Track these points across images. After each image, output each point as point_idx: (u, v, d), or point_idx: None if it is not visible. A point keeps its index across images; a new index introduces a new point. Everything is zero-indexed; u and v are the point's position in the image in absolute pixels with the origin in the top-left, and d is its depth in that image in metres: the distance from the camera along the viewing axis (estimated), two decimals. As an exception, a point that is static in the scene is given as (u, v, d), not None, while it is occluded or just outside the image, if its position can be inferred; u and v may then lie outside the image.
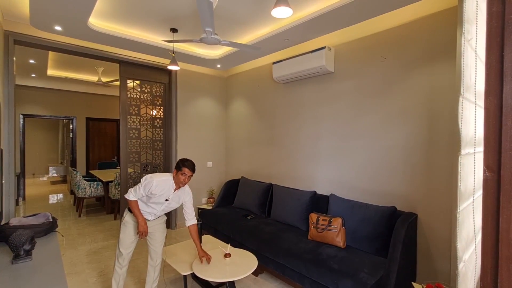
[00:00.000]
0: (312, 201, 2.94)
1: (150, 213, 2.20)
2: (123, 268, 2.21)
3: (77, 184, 4.90)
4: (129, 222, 2.19)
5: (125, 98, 3.78)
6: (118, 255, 2.20)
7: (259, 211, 3.46)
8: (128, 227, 2.19)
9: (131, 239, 2.19)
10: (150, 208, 2.18)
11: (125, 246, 2.17)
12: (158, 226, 2.28)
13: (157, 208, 2.19)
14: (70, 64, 5.29)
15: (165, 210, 2.25)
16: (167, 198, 2.14)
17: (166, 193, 2.12)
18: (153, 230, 2.25)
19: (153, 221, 2.24)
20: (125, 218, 2.21)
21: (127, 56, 3.65)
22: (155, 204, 2.16)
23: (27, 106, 6.41)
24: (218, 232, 3.30)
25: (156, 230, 2.27)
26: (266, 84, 3.92)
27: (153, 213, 2.21)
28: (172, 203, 2.20)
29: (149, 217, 2.21)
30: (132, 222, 2.19)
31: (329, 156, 3.06)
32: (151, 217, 2.22)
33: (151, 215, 2.21)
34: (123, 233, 2.19)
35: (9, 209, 2.88)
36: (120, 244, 2.18)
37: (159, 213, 2.23)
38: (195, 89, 4.36)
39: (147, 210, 2.18)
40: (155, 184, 2.06)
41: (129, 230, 2.19)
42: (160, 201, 2.14)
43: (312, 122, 3.26)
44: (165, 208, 2.22)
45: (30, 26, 2.94)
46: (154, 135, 4.09)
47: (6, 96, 2.86)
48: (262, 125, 4.01)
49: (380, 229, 2.33)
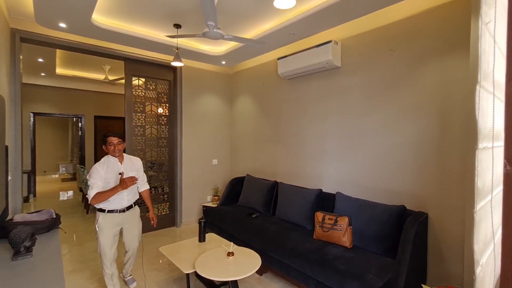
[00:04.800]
0: (318, 200, 2.87)
1: (119, 195, 2.22)
2: (112, 267, 2.28)
3: (84, 181, 4.95)
4: (103, 223, 2.21)
5: (130, 96, 3.78)
6: (103, 257, 2.23)
7: (264, 210, 3.40)
8: (104, 229, 2.21)
9: (110, 241, 2.23)
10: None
11: (108, 246, 2.22)
12: (133, 221, 2.38)
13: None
14: (77, 62, 5.34)
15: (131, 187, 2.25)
16: (120, 172, 2.20)
17: (115, 168, 2.23)
18: (128, 224, 2.34)
19: (127, 213, 2.30)
20: (98, 221, 2.22)
21: (132, 53, 3.64)
22: (115, 184, 2.18)
23: (37, 104, 6.52)
24: (222, 230, 3.27)
25: (131, 224, 2.36)
26: (272, 80, 3.85)
27: (122, 194, 2.24)
28: (129, 174, 2.24)
29: (122, 203, 2.26)
30: (106, 223, 2.22)
31: (336, 154, 2.98)
32: (124, 201, 2.27)
33: (122, 200, 2.26)
34: (102, 236, 2.20)
35: (16, 206, 2.91)
36: (102, 247, 2.21)
37: (125, 191, 2.24)
38: (200, 86, 4.33)
39: (114, 196, 2.19)
40: (98, 167, 2.17)
41: (106, 232, 2.21)
42: (115, 177, 2.20)
43: (318, 119, 3.18)
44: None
45: (36, 24, 2.95)
46: (159, 133, 4.08)
47: (13, 93, 2.89)
48: (267, 122, 3.94)
49: (388, 229, 2.24)
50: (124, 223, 2.33)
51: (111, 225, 2.24)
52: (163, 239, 3.68)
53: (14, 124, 2.89)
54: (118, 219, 2.27)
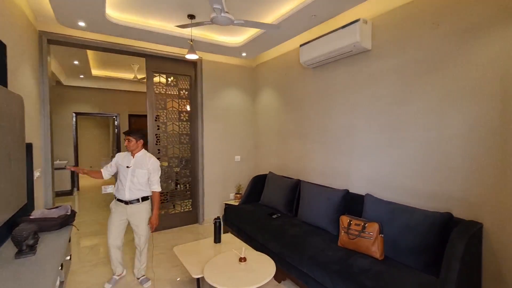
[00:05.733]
0: (344, 201, 2.55)
1: (123, 187, 2.37)
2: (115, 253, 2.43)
3: (117, 177, 5.17)
4: (113, 207, 2.44)
5: (152, 92, 3.78)
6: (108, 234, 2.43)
7: (286, 210, 3.16)
8: (112, 213, 2.43)
9: (114, 225, 2.40)
10: (121, 181, 2.39)
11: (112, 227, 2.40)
12: (138, 217, 2.42)
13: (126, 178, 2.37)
14: (109, 63, 5.58)
15: (135, 182, 2.37)
16: (128, 165, 2.38)
17: (126, 161, 2.41)
18: (133, 219, 2.41)
19: (130, 207, 2.39)
20: (111, 203, 2.49)
21: (152, 49, 3.62)
22: (123, 175, 2.39)
23: (78, 105, 7.02)
24: (241, 231, 3.11)
25: (135, 220, 2.41)
26: (294, 70, 3.56)
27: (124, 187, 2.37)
28: (136, 170, 2.38)
29: (124, 194, 2.37)
30: (115, 208, 2.42)
31: (366, 150, 2.61)
32: (126, 194, 2.37)
33: (124, 192, 2.37)
34: (110, 216, 2.44)
35: (47, 200, 3.06)
36: (108, 225, 2.43)
37: (129, 184, 2.37)
38: (222, 81, 4.20)
39: (119, 185, 2.39)
40: (118, 154, 2.51)
41: (113, 215, 2.41)
42: (124, 169, 2.39)
43: (345, 111, 2.83)
44: (133, 178, 2.37)
45: (61, 26, 3.05)
46: (181, 129, 4.04)
47: (41, 94, 3.02)
48: (291, 116, 3.67)
49: (429, 240, 1.86)
50: (129, 216, 2.42)
51: (117, 213, 2.40)
52: (184, 236, 3.65)
53: (43, 123, 3.03)
54: (123, 210, 2.40)
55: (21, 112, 2.13)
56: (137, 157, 2.43)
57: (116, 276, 2.52)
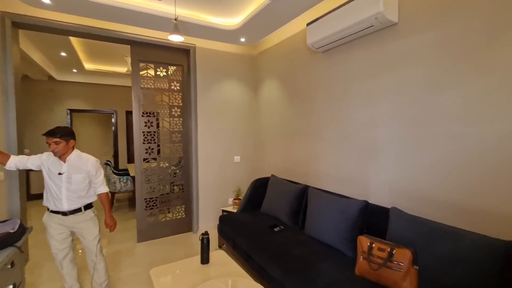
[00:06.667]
0: (362, 216, 2.03)
1: (58, 196, 2.00)
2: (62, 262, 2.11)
3: (108, 177, 4.78)
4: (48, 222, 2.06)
5: (138, 84, 3.33)
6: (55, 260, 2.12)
7: (291, 221, 2.67)
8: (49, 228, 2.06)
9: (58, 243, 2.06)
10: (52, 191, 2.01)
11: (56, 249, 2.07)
12: (85, 224, 2.10)
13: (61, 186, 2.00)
14: (100, 55, 5.17)
15: (72, 190, 2.03)
16: (60, 172, 2.00)
17: (56, 167, 2.01)
18: (79, 226, 2.09)
19: (72, 217, 2.06)
20: (43, 218, 2.08)
21: (138, 35, 3.16)
22: (54, 184, 2.00)
23: (72, 101, 6.66)
24: (236, 246, 2.63)
25: (81, 229, 2.10)
26: (301, 56, 3.04)
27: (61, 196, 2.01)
28: (72, 176, 2.01)
29: (61, 205, 2.01)
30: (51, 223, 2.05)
31: (390, 151, 2.08)
32: (63, 204, 2.02)
33: (59, 201, 2.01)
34: (48, 235, 2.07)
35: (13, 208, 2.65)
36: (51, 247, 2.09)
37: (65, 193, 2.01)
38: (218, 72, 3.72)
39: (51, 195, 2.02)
40: (43, 157, 2.03)
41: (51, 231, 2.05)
42: (55, 177, 2.00)
43: (363, 103, 2.30)
44: (69, 186, 2.01)
45: (28, 7, 2.62)
46: (172, 126, 3.58)
47: (4, 86, 2.59)
48: (297, 111, 3.15)
49: (489, 278, 1.33)
50: (71, 227, 2.10)
51: (55, 226, 2.05)
52: (173, 249, 3.20)
53: (7, 118, 2.61)
54: (62, 222, 2.06)
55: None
56: (70, 160, 2.04)
57: None
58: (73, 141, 2.07)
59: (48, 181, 2.02)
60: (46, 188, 2.04)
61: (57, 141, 1.95)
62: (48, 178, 2.02)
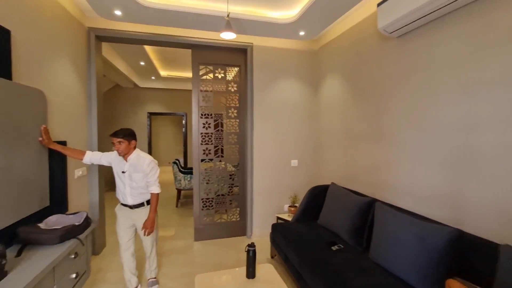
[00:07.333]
0: (452, 249, 1.51)
1: (124, 192, 2.21)
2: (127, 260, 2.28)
3: (174, 175, 5.14)
4: (118, 211, 2.28)
5: (197, 86, 3.41)
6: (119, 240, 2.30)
7: (352, 240, 2.26)
8: (118, 217, 2.27)
9: (122, 230, 2.25)
10: (119, 186, 2.22)
11: (121, 232, 2.26)
12: (145, 218, 2.22)
13: (125, 183, 2.19)
14: (172, 63, 5.63)
15: (134, 187, 2.19)
16: (123, 170, 2.17)
17: (120, 165, 2.19)
18: (139, 223, 2.24)
19: (135, 211, 2.23)
20: (116, 207, 2.33)
21: (198, 38, 3.24)
22: (120, 180, 2.20)
23: (151, 105, 7.50)
24: (288, 261, 2.37)
25: (144, 220, 2.22)
26: (369, 45, 2.58)
27: (125, 192, 2.20)
28: (133, 175, 2.16)
29: (126, 199, 2.21)
30: (120, 212, 2.26)
31: (499, 163, 1.50)
32: (127, 198, 2.21)
33: (125, 196, 2.21)
34: (117, 220, 2.28)
35: (93, 200, 3.01)
36: (117, 231, 2.29)
37: (129, 190, 2.19)
38: (276, 70, 3.52)
39: (119, 190, 2.24)
40: (111, 155, 2.23)
41: (119, 220, 2.26)
42: (120, 175, 2.18)
43: (456, 98, 1.75)
44: (131, 183, 2.18)
45: (106, 21, 2.95)
46: (228, 127, 3.56)
47: (88, 92, 2.97)
48: (362, 111, 2.70)
49: None
50: (136, 220, 2.26)
51: (123, 217, 2.26)
52: (227, 252, 3.14)
53: (90, 120, 2.98)
54: (129, 214, 2.25)
55: (41, 107, 1.97)
56: (131, 160, 2.17)
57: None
58: (134, 141, 2.20)
59: (116, 178, 2.22)
60: (116, 183, 2.25)
61: (120, 141, 2.10)
62: (116, 175, 2.21)
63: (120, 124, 6.84)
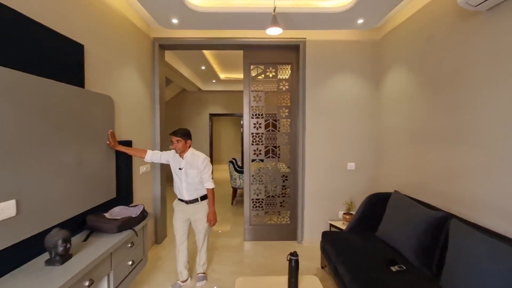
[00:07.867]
0: None
1: (180, 188, 2.37)
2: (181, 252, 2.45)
3: (230, 174, 5.31)
4: (175, 206, 2.46)
5: (248, 87, 3.42)
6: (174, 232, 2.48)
7: (418, 261, 1.90)
8: (175, 211, 2.45)
9: (178, 223, 2.42)
10: (177, 182, 2.40)
11: (176, 225, 2.44)
12: (198, 216, 2.40)
13: (182, 179, 2.35)
14: (230, 65, 5.84)
15: (189, 183, 2.34)
16: (180, 167, 2.33)
17: (177, 162, 2.36)
18: (194, 218, 2.40)
19: (191, 206, 2.39)
20: (174, 202, 2.51)
21: (250, 38, 3.25)
22: (177, 177, 2.37)
23: (212, 107, 7.97)
24: (338, 275, 2.14)
25: (196, 218, 2.40)
26: (445, 27, 2.13)
27: (182, 188, 2.36)
28: (188, 171, 2.31)
29: (182, 194, 2.39)
30: (177, 207, 2.44)
31: None
32: (183, 193, 2.37)
33: (181, 191, 2.38)
34: (174, 214, 2.46)
35: (155, 193, 3.31)
36: (173, 224, 2.47)
37: (185, 185, 2.34)
38: (330, 65, 3.26)
39: (176, 186, 2.41)
40: (169, 154, 2.41)
41: (176, 214, 2.44)
42: (177, 172, 2.36)
43: None
44: (187, 179, 2.33)
45: (170, 30, 3.19)
46: (280, 127, 3.46)
47: (153, 96, 3.29)
48: (433, 105, 2.25)
49: None
50: (190, 215, 2.41)
51: (180, 211, 2.42)
52: (276, 256, 3.05)
53: (154, 121, 3.29)
54: (185, 209, 2.40)
55: (109, 111, 2.24)
56: (187, 157, 2.33)
57: (180, 282, 2.46)
58: (190, 141, 2.38)
59: (173, 174, 2.40)
60: (173, 180, 2.43)
61: (178, 140, 2.28)
62: (174, 171, 2.39)
63: (185, 125, 7.46)
